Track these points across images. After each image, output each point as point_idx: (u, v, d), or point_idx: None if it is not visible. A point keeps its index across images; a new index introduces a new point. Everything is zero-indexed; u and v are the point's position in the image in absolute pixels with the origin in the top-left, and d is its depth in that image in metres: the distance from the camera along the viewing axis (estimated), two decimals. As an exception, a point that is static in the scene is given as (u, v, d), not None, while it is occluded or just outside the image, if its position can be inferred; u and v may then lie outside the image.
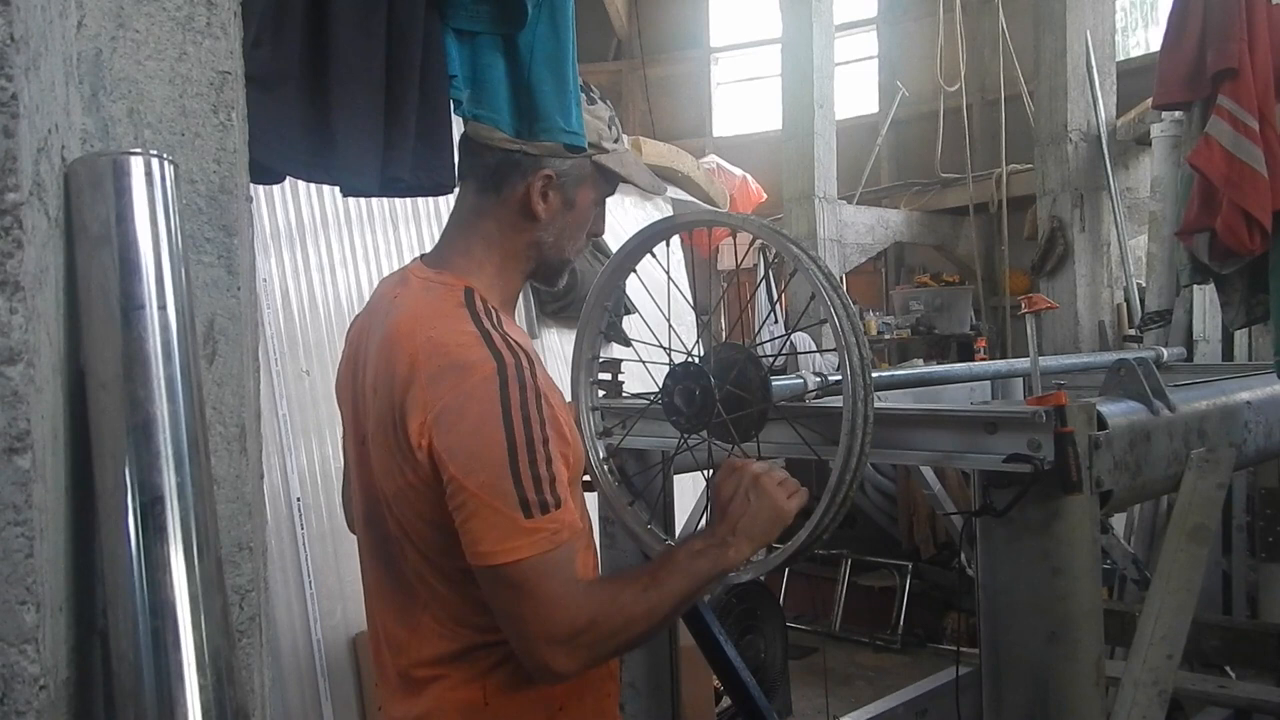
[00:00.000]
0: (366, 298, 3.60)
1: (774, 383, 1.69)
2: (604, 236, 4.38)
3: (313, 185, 3.07)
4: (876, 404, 1.58)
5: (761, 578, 1.88)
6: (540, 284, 1.58)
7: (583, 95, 1.49)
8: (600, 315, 1.95)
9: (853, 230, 7.90)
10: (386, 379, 1.36)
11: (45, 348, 0.82)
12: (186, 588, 0.85)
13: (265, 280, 3.08)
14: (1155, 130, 5.02)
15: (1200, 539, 1.84)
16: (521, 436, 1.28)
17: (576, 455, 1.42)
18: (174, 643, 0.84)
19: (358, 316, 1.60)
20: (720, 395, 1.63)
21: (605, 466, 1.96)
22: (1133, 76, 6.51)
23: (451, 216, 1.54)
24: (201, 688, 0.84)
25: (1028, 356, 1.88)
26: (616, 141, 1.53)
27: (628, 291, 2.97)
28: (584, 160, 1.48)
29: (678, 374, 1.69)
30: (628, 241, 1.88)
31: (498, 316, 1.40)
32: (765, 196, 7.72)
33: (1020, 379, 2.90)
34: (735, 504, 1.47)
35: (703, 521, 2.00)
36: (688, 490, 2.63)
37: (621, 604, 1.34)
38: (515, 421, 1.28)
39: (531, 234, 1.48)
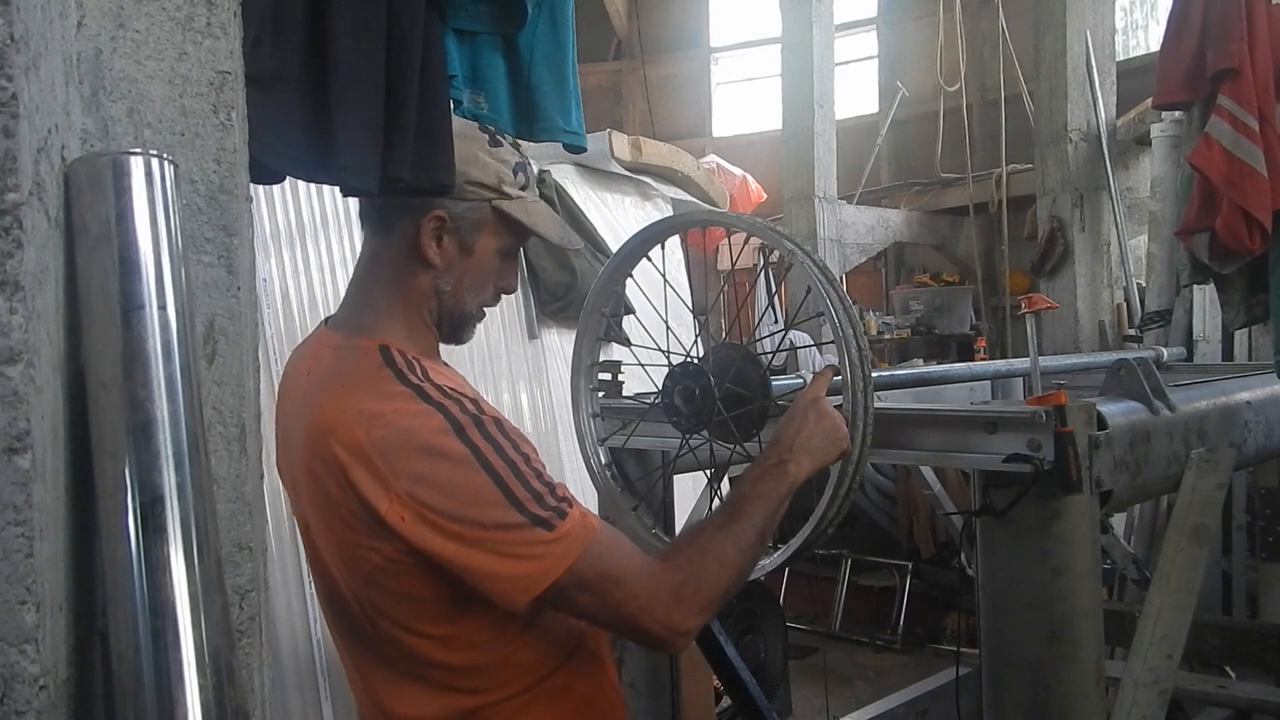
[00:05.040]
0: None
1: (774, 382, 1.69)
2: (604, 237, 4.36)
3: (313, 185, 3.06)
4: (877, 404, 1.58)
5: (761, 578, 1.88)
6: (444, 340, 1.46)
7: (487, 135, 1.39)
8: (598, 321, 1.95)
9: (853, 230, 7.90)
10: (324, 464, 1.27)
11: (45, 348, 0.82)
12: (186, 588, 0.85)
13: (265, 280, 3.08)
14: (1155, 130, 5.02)
15: (1200, 539, 1.84)
16: (503, 467, 1.23)
17: None
18: (174, 643, 0.84)
19: (279, 392, 1.52)
20: (720, 394, 1.63)
21: (608, 472, 1.96)
22: (1133, 76, 6.51)
23: (354, 271, 1.45)
24: (201, 688, 0.84)
25: (1028, 356, 1.88)
26: (524, 189, 1.42)
27: (627, 292, 2.97)
28: (481, 204, 1.38)
29: (677, 374, 1.69)
30: (625, 244, 1.88)
31: (422, 368, 1.32)
32: (765, 196, 7.72)
33: (1020, 379, 2.90)
34: (790, 425, 1.46)
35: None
36: (688, 491, 2.63)
37: (708, 547, 1.32)
38: (489, 457, 1.22)
39: (427, 280, 1.38)
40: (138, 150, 0.92)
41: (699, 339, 1.77)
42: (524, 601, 1.24)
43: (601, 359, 1.99)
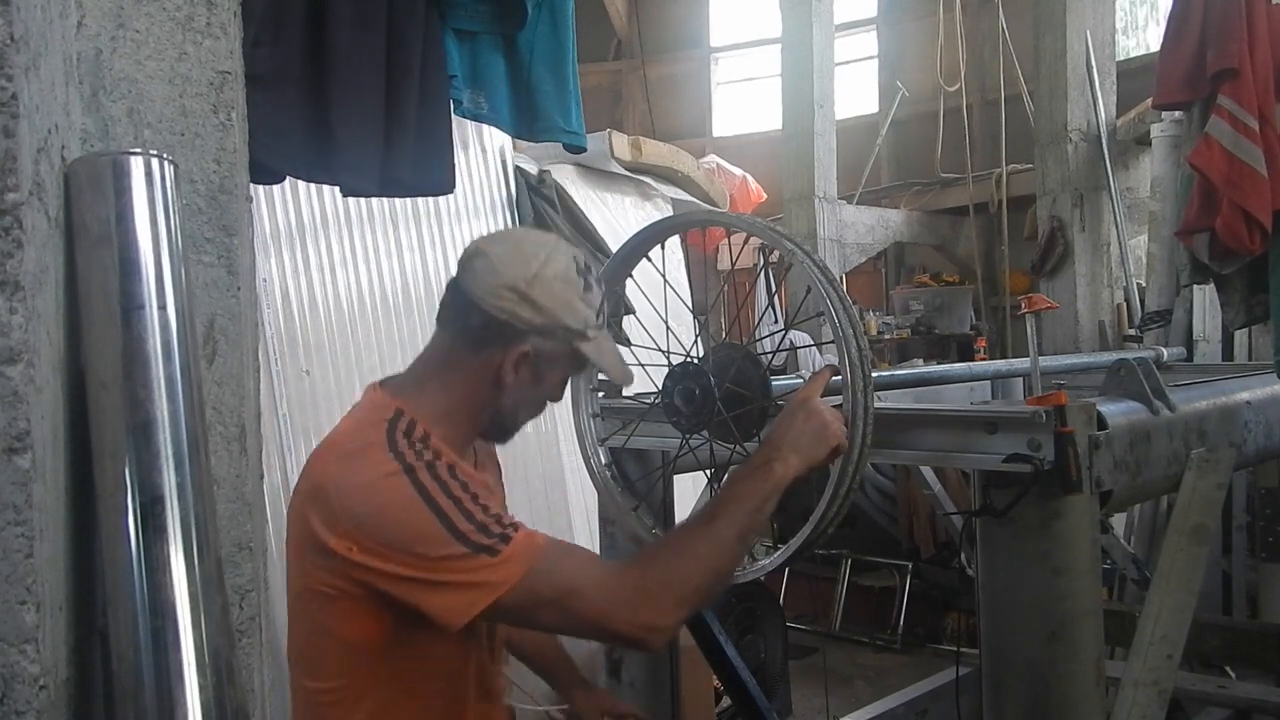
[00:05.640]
0: (366, 298, 3.56)
1: (773, 382, 1.69)
2: (604, 237, 4.36)
3: (313, 185, 3.06)
4: (877, 404, 1.57)
5: (761, 578, 1.88)
6: (486, 439, 1.58)
7: (582, 279, 1.46)
8: (599, 320, 1.95)
9: (853, 230, 7.89)
10: (299, 490, 1.39)
11: (45, 348, 0.82)
12: (186, 588, 0.85)
13: (265, 280, 3.08)
14: (1155, 130, 5.02)
15: (1200, 539, 1.84)
16: (445, 501, 1.30)
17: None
18: (174, 643, 0.84)
19: None
20: (720, 394, 1.63)
21: (608, 472, 1.96)
22: (1133, 76, 6.51)
23: (423, 352, 1.54)
24: (201, 688, 0.84)
25: (1028, 356, 1.88)
26: (600, 328, 1.50)
27: (627, 292, 2.97)
28: (564, 344, 1.46)
29: (677, 374, 1.69)
30: (625, 244, 1.88)
31: (425, 440, 1.39)
32: (765, 196, 7.72)
33: (1020, 379, 2.90)
34: (780, 425, 1.49)
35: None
36: (688, 491, 2.63)
37: (678, 547, 1.38)
38: (434, 493, 1.31)
39: (494, 400, 1.47)
40: (138, 150, 0.92)
41: (699, 339, 1.77)
42: (463, 620, 1.30)
43: (601, 359, 1.98)
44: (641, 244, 1.86)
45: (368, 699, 1.39)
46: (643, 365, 1.81)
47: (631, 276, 1.94)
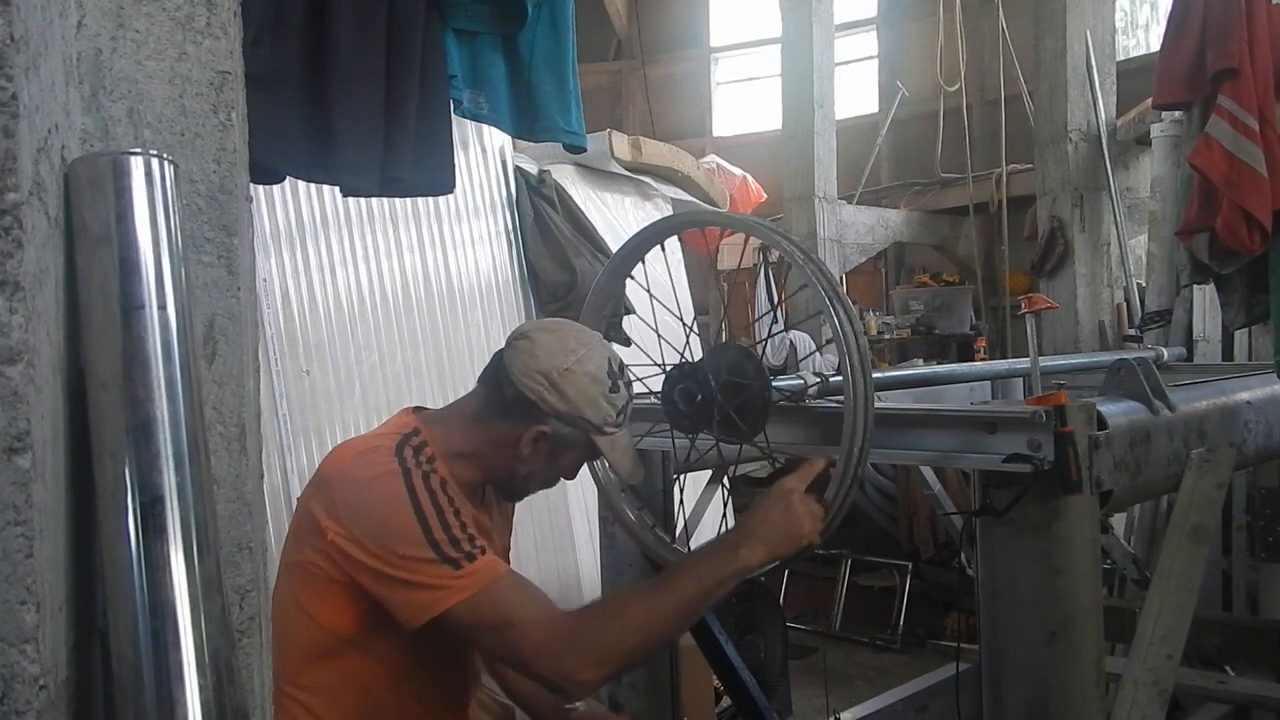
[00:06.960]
0: (366, 298, 3.55)
1: (774, 383, 1.68)
2: (604, 237, 4.34)
3: (313, 185, 3.06)
4: (877, 404, 1.57)
5: (761, 578, 1.88)
6: (499, 493, 1.69)
7: (611, 380, 1.55)
8: (599, 322, 1.95)
9: (853, 230, 7.89)
10: (312, 481, 1.55)
11: (45, 348, 0.82)
12: (186, 588, 0.85)
13: (265, 280, 3.08)
14: (1155, 130, 5.01)
15: (1200, 539, 1.84)
16: (430, 508, 1.40)
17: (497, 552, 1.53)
18: (174, 643, 0.84)
19: None
20: (718, 387, 1.64)
21: (608, 470, 1.96)
22: (1133, 76, 6.51)
23: (460, 399, 1.66)
24: (201, 688, 0.84)
25: (1028, 356, 1.88)
26: (619, 426, 1.59)
27: (627, 292, 2.96)
28: (582, 434, 1.56)
29: (675, 375, 1.70)
30: (625, 244, 1.88)
31: (431, 460, 1.48)
32: (765, 196, 7.71)
33: (1020, 379, 2.90)
34: (759, 510, 1.52)
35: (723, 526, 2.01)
36: (688, 490, 2.63)
37: (620, 610, 1.44)
38: (421, 499, 1.41)
39: (508, 464, 1.58)
40: (138, 150, 0.92)
41: (699, 339, 1.77)
42: (420, 620, 1.38)
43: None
44: (641, 244, 1.86)
45: (327, 692, 1.48)
46: (658, 364, 1.81)
47: (633, 276, 1.94)
